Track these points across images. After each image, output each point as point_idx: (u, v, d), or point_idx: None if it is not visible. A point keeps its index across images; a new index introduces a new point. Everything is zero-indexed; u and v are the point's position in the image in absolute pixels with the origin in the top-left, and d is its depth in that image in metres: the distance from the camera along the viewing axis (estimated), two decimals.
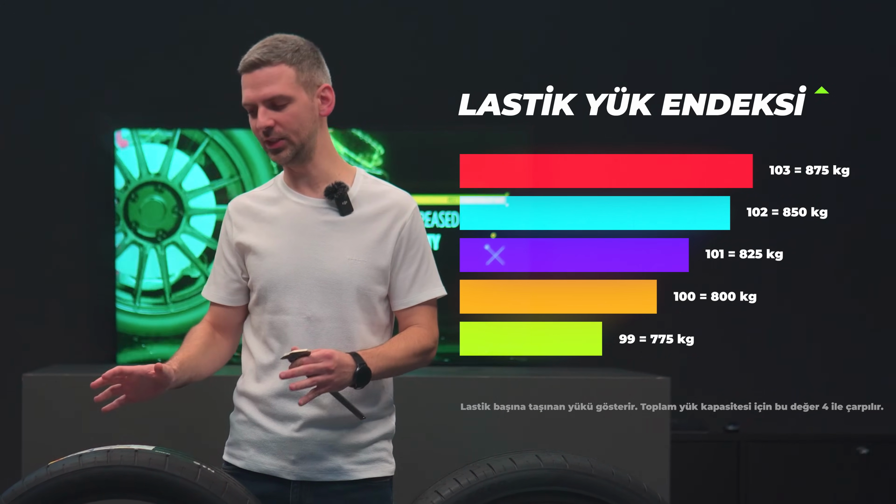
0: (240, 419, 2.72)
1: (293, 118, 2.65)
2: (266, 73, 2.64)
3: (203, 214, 5.23)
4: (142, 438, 2.66)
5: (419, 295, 2.72)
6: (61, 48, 5.39)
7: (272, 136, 2.64)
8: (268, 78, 2.63)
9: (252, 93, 2.65)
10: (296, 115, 2.65)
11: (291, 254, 2.66)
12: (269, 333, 2.67)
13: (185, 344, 2.72)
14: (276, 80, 2.64)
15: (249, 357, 2.72)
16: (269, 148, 2.67)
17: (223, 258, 2.76)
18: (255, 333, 2.72)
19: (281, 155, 2.67)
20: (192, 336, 2.74)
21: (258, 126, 2.65)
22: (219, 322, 2.77)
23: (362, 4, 5.50)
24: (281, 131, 2.64)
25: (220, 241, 2.79)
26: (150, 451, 2.35)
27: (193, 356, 2.67)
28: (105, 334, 5.29)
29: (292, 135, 2.65)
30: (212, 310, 2.78)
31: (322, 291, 2.65)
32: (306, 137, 2.67)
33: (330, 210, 2.69)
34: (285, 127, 2.64)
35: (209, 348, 2.72)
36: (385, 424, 2.74)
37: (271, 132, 2.64)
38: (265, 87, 2.63)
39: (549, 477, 2.32)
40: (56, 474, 2.29)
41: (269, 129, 2.64)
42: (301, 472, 2.66)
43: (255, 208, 2.73)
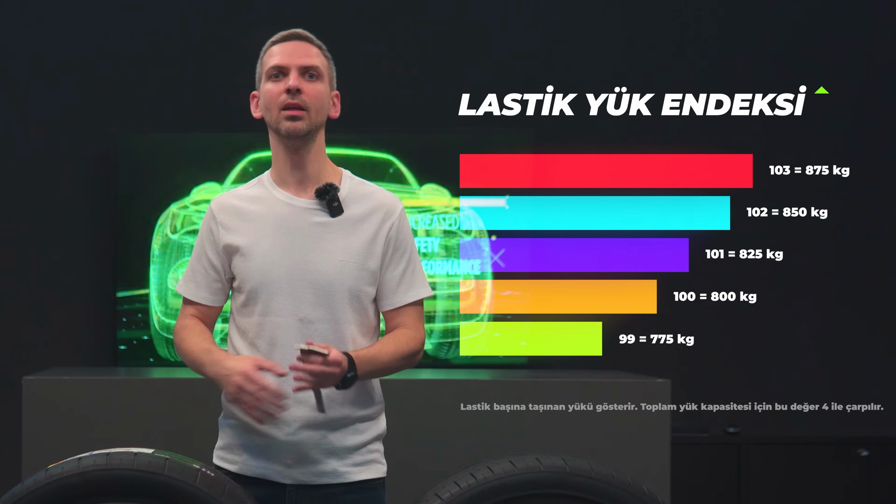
0: (231, 423, 2.69)
1: (319, 95, 2.67)
2: (306, 46, 2.68)
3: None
4: (141, 441, 2.66)
5: (406, 295, 2.71)
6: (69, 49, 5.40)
7: (297, 100, 2.64)
8: (307, 51, 2.68)
9: (289, 58, 2.66)
10: (321, 94, 2.67)
11: (283, 255, 2.65)
12: (259, 335, 2.65)
13: (199, 337, 2.68)
14: (313, 56, 2.68)
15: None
16: (287, 114, 2.64)
17: (204, 257, 2.72)
18: (242, 336, 2.69)
19: (296, 125, 2.65)
20: (198, 329, 2.70)
21: (289, 86, 2.64)
22: (201, 318, 2.74)
23: (362, 5, 5.49)
24: (306, 101, 2.64)
25: (200, 239, 2.75)
26: (149, 453, 2.33)
27: (216, 345, 2.67)
28: (105, 338, 5.29)
29: (313, 111, 2.66)
30: (192, 307, 2.75)
31: (314, 293, 2.64)
32: (319, 123, 2.68)
33: (320, 211, 2.68)
34: (311, 99, 2.65)
35: (213, 338, 2.72)
36: (377, 426, 2.73)
37: (298, 96, 2.64)
38: (305, 57, 2.67)
39: (549, 480, 2.31)
40: (55, 477, 2.28)
41: (298, 91, 2.64)
42: (297, 476, 2.65)
43: (241, 207, 2.71)
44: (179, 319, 2.76)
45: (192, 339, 2.67)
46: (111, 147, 5.25)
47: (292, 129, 2.65)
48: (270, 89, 2.66)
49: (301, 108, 2.64)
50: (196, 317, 2.73)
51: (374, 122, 5.28)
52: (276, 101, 2.65)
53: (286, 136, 2.66)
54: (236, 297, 2.70)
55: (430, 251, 5.15)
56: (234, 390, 2.53)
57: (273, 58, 2.68)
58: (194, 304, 2.74)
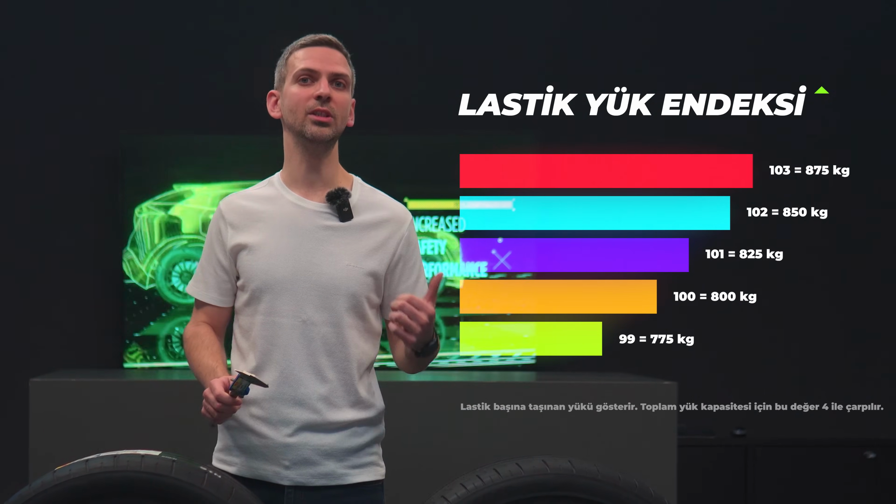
0: (230, 424, 2.69)
1: (345, 104, 2.69)
2: (338, 55, 2.71)
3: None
4: (147, 443, 2.66)
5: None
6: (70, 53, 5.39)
7: (327, 107, 2.65)
8: (339, 59, 2.70)
9: (321, 64, 2.67)
10: (346, 102, 2.70)
11: (289, 256, 2.65)
12: (261, 335, 2.66)
13: (207, 351, 2.69)
14: (343, 64, 2.71)
15: (240, 360, 2.71)
16: (315, 118, 2.65)
17: (213, 257, 2.73)
18: (245, 335, 2.70)
19: (324, 130, 2.65)
20: (207, 342, 2.71)
21: (321, 92, 2.64)
22: (212, 322, 2.75)
23: (362, 5, 5.49)
24: (334, 108, 2.66)
25: (209, 239, 2.75)
26: (156, 455, 2.34)
27: (224, 363, 2.68)
28: (112, 339, 5.28)
29: (339, 119, 2.68)
30: (203, 310, 2.76)
31: (318, 296, 2.64)
32: (342, 130, 2.70)
33: (330, 215, 2.68)
34: (338, 107, 2.67)
35: (223, 353, 2.72)
36: (376, 429, 2.74)
37: (328, 103, 2.65)
38: (337, 64, 2.69)
39: (555, 482, 2.32)
40: (63, 479, 2.29)
41: (329, 98, 2.65)
42: (295, 478, 2.65)
43: (250, 207, 2.71)
44: (191, 324, 2.77)
45: (201, 352, 2.70)
46: (117, 149, 5.24)
47: (319, 135, 2.66)
48: (298, 93, 2.67)
49: (329, 115, 2.65)
50: (207, 322, 2.74)
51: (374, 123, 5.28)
52: (304, 105, 2.65)
53: (311, 139, 2.66)
54: (240, 296, 2.71)
55: (430, 251, 5.15)
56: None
57: (303, 61, 2.67)
58: (205, 305, 2.75)
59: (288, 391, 2.64)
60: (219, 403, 2.52)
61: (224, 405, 2.52)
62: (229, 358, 2.76)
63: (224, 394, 2.51)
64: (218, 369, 2.63)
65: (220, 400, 2.52)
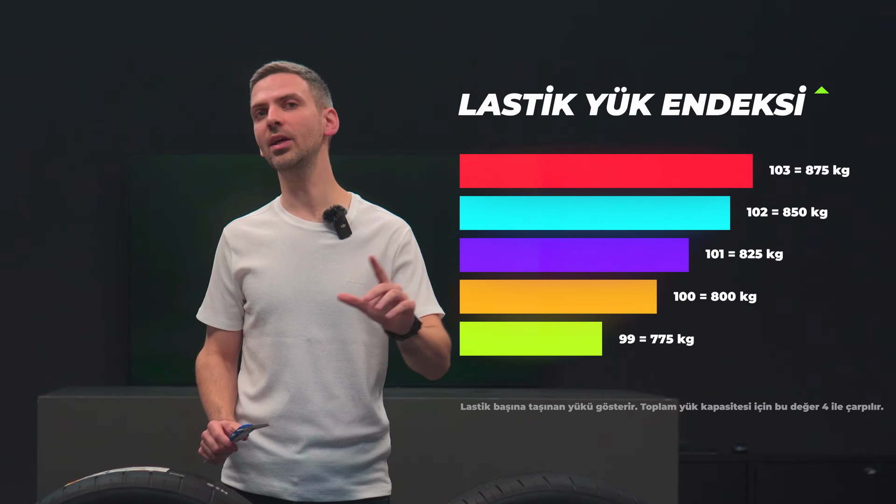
0: (239, 442, 2.71)
1: (302, 121, 2.69)
2: (281, 77, 2.71)
3: None
4: (155, 460, 2.69)
5: (426, 308, 2.73)
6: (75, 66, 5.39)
7: (280, 132, 2.66)
8: (283, 81, 2.70)
9: (265, 94, 2.70)
10: (304, 118, 2.69)
11: (291, 277, 2.68)
12: (269, 356, 2.69)
13: (215, 387, 2.73)
14: (289, 84, 2.70)
15: (247, 380, 2.73)
16: (274, 149, 2.68)
17: (220, 283, 2.78)
18: (253, 357, 2.73)
19: (285, 157, 2.68)
20: (216, 376, 2.74)
21: (268, 121, 2.67)
22: (223, 349, 2.79)
23: (362, 5, 5.49)
24: (289, 130, 2.67)
25: (216, 266, 2.80)
26: (164, 472, 2.37)
27: (231, 400, 2.72)
28: (119, 356, 5.27)
29: (299, 137, 2.68)
30: (214, 336, 2.80)
31: (322, 314, 2.67)
32: (311, 147, 2.70)
33: (328, 233, 2.71)
34: (293, 127, 2.68)
35: (233, 385, 2.75)
36: (381, 445, 2.76)
37: (279, 128, 2.66)
38: (282, 87, 2.69)
39: (556, 499, 2.34)
40: (72, 496, 2.32)
41: (277, 124, 2.66)
42: (303, 494, 2.67)
43: (251, 232, 2.75)
44: (203, 352, 2.82)
45: (209, 386, 2.74)
46: (125, 167, 5.22)
47: (282, 162, 2.70)
48: (257, 128, 2.73)
49: (285, 139, 2.68)
50: (218, 352, 2.79)
51: (374, 122, 5.28)
52: (263, 138, 2.71)
53: (279, 169, 2.71)
54: (247, 318, 2.75)
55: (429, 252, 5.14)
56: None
57: (254, 98, 2.74)
58: (216, 331, 2.79)
59: (297, 409, 2.67)
60: (217, 446, 2.57)
61: (222, 448, 2.57)
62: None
63: (224, 436, 2.56)
64: (223, 409, 2.68)
65: (220, 442, 2.56)
